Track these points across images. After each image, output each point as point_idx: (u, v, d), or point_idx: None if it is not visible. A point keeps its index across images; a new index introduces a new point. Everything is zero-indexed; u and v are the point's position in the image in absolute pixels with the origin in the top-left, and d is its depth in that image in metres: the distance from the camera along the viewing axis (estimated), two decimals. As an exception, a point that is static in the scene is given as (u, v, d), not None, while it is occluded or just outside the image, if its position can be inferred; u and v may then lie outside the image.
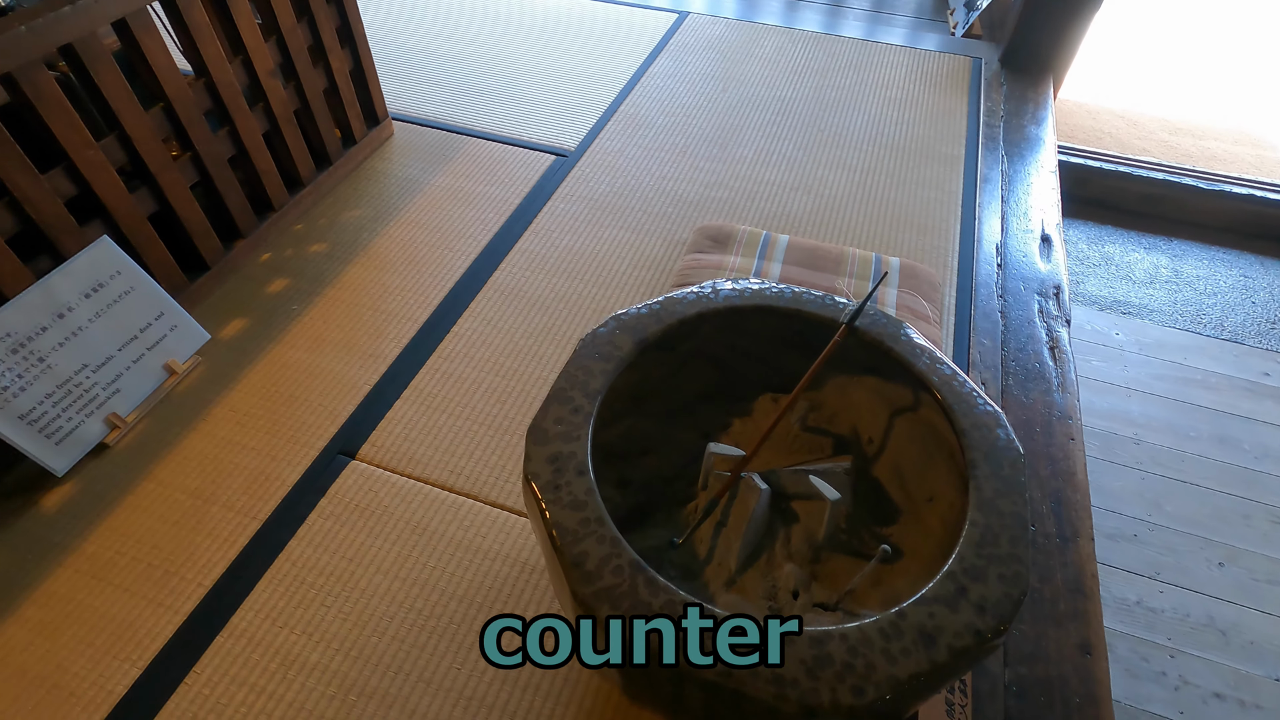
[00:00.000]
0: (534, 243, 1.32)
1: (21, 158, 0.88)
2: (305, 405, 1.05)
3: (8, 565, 0.88)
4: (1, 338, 0.89)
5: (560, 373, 0.68)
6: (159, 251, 1.10)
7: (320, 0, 1.27)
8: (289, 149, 1.30)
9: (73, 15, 0.89)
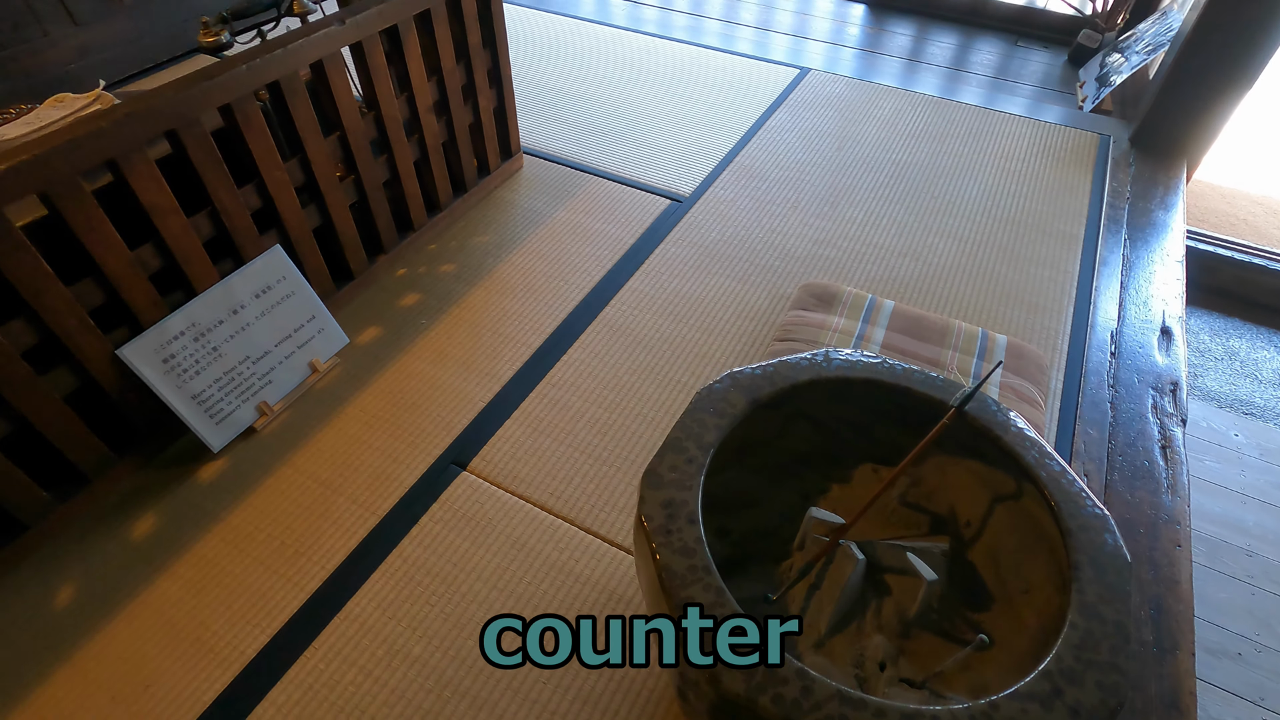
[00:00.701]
0: (644, 283, 1.39)
1: (227, 176, 1.02)
2: (425, 414, 1.15)
3: (168, 526, 1.00)
4: (188, 327, 1.03)
5: (677, 422, 0.74)
6: (316, 261, 1.23)
7: (477, 45, 1.40)
8: (433, 176, 1.42)
9: (283, 57, 1.02)
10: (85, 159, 0.84)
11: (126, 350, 0.97)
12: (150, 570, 0.95)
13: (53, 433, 0.93)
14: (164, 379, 1.01)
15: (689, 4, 2.58)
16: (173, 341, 1.01)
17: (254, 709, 0.83)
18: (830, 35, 2.39)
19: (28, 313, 0.86)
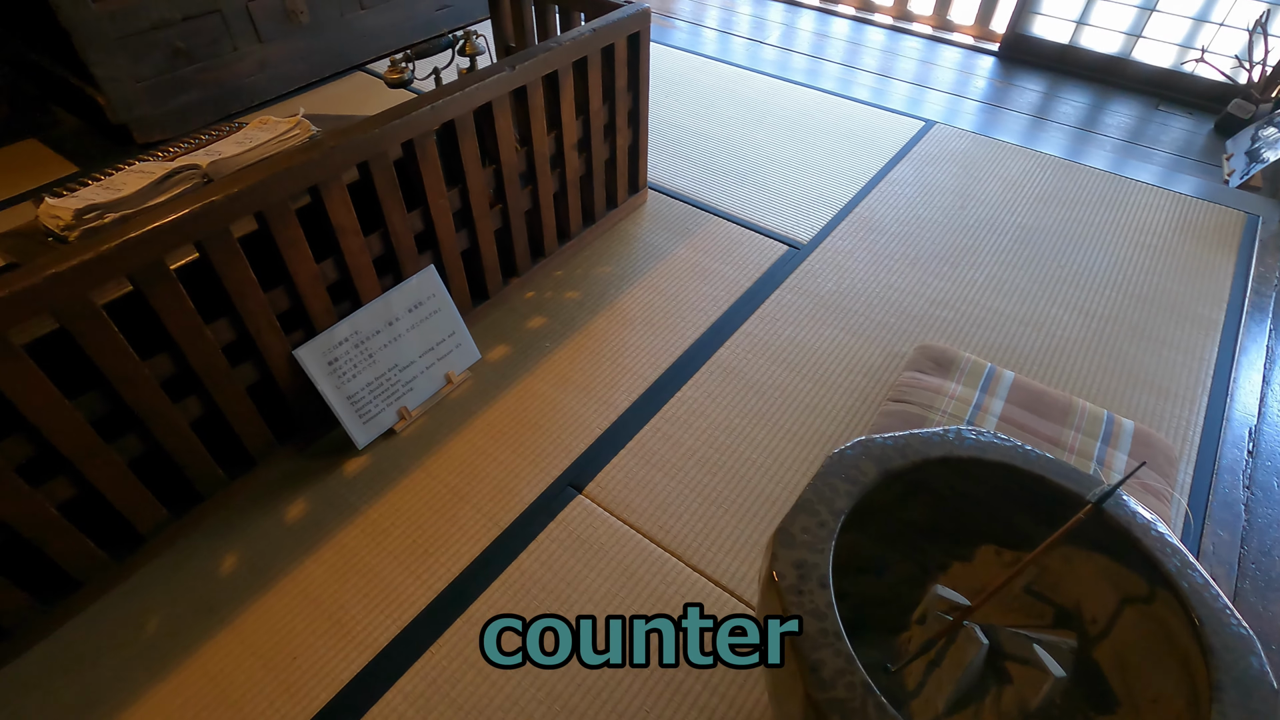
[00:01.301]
0: (758, 328, 1.43)
1: (401, 202, 1.12)
2: (546, 434, 1.22)
3: (315, 512, 1.10)
4: (351, 334, 1.14)
5: (809, 484, 0.77)
6: (460, 281, 1.33)
7: (623, 88, 1.48)
8: (568, 206, 1.51)
9: (461, 99, 1.12)
10: (296, 184, 0.96)
11: (301, 351, 1.08)
12: (300, 551, 1.05)
13: (235, 418, 1.05)
14: (327, 379, 1.12)
15: (809, 45, 2.61)
16: (338, 346, 1.12)
17: (384, 694, 0.90)
18: (954, 86, 2.37)
19: (231, 314, 0.98)
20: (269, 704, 0.90)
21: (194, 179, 1.07)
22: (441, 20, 2.51)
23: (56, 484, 0.89)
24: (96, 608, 0.99)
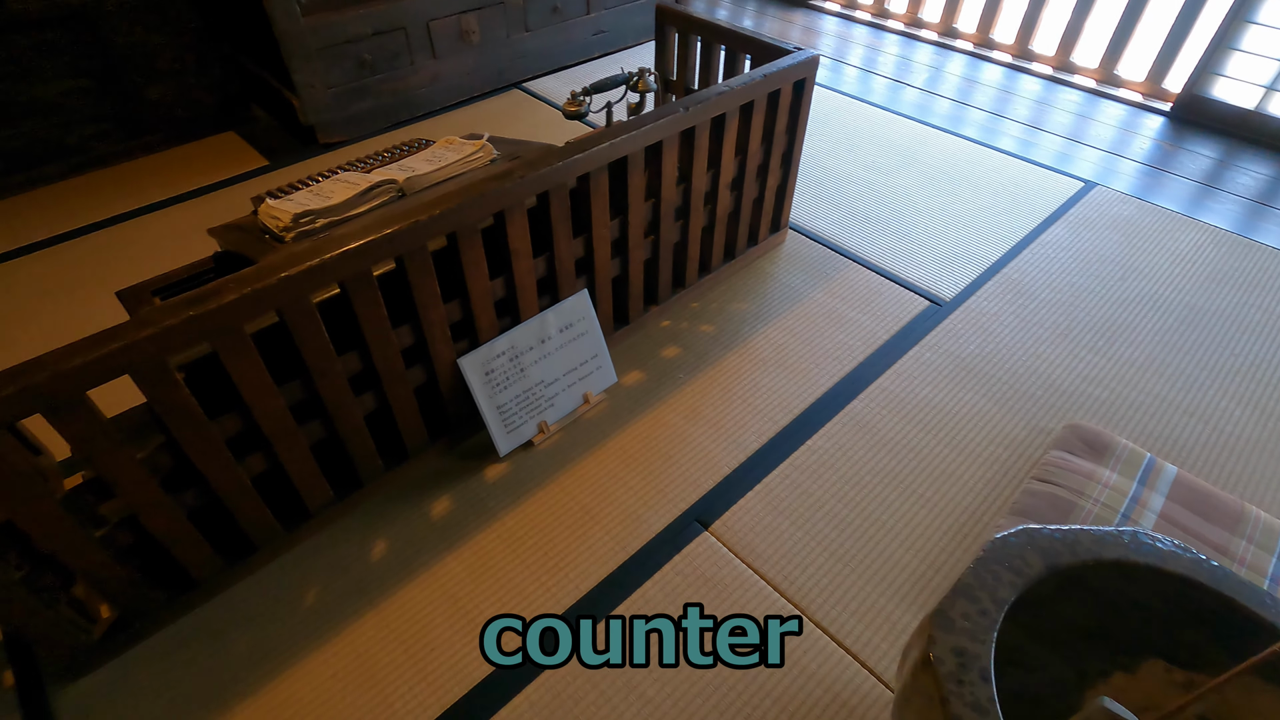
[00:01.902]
0: (894, 384, 1.40)
1: (569, 229, 1.18)
2: (675, 466, 1.25)
3: (457, 511, 1.17)
4: (509, 348, 1.20)
5: (970, 567, 0.75)
6: (607, 306, 1.38)
7: (781, 130, 1.50)
8: (712, 242, 1.54)
9: (636, 137, 1.17)
10: (488, 208, 1.03)
11: (464, 360, 1.16)
12: (442, 547, 1.12)
13: (400, 415, 1.13)
14: (483, 387, 1.19)
15: (957, 90, 2.54)
16: (496, 358, 1.19)
17: (511, 699, 0.95)
18: (1115, 144, 2.24)
19: (414, 322, 1.06)
20: (408, 689, 0.96)
21: (391, 193, 1.16)
22: (596, 44, 2.62)
23: (254, 459, 0.99)
24: (265, 571, 1.09)
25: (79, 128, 1.94)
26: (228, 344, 0.86)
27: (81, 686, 0.96)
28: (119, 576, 0.92)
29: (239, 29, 2.11)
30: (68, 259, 1.70)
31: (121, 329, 0.78)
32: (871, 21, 3.06)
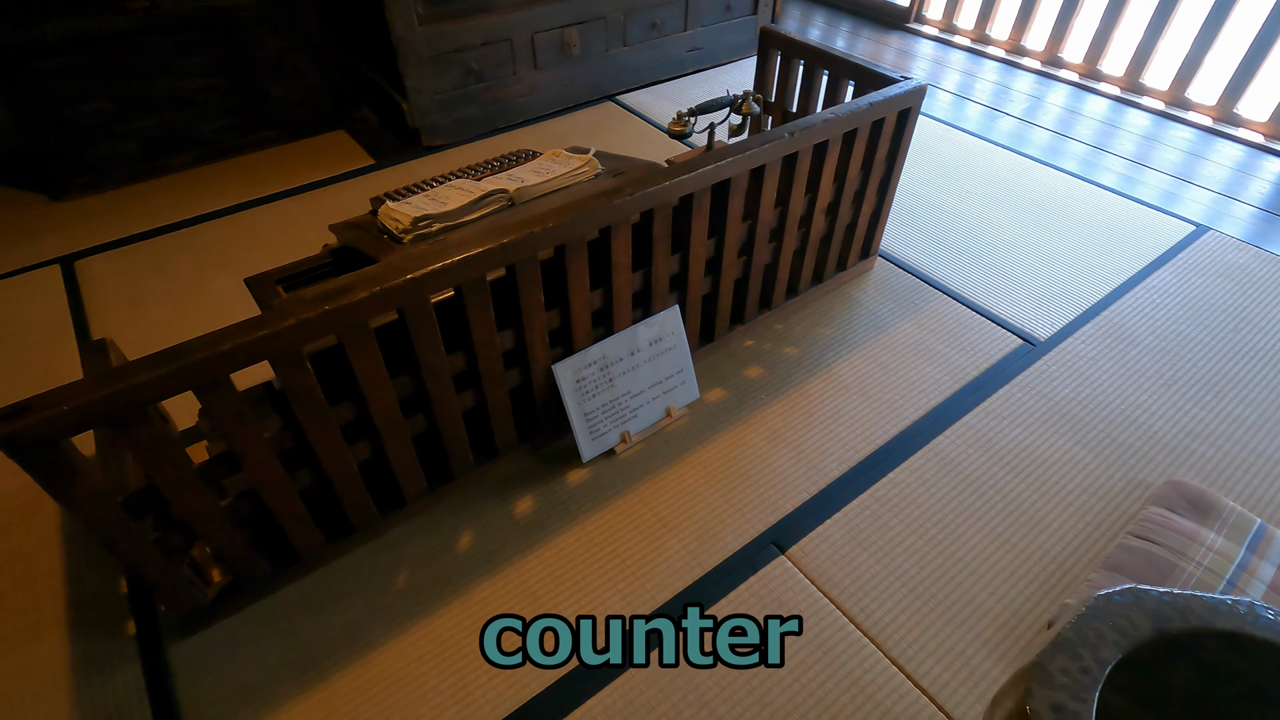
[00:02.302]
0: (982, 422, 1.37)
1: (668, 246, 1.21)
2: (754, 486, 1.25)
3: (541, 512, 1.21)
4: (600, 358, 1.24)
5: (1073, 621, 0.73)
6: (695, 322, 1.40)
7: (881, 158, 1.49)
8: (802, 265, 1.54)
9: (741, 160, 1.19)
10: (597, 223, 1.06)
11: (558, 366, 1.20)
12: (524, 546, 1.16)
13: (495, 414, 1.18)
14: (573, 394, 1.22)
15: (1058, 122, 2.46)
16: (588, 367, 1.23)
17: (585, 702, 0.97)
18: (1229, 186, 2.13)
19: (517, 327, 1.11)
20: (487, 679, 1.00)
21: (502, 202, 1.22)
22: (690, 61, 2.65)
23: (361, 446, 1.05)
24: (361, 553, 1.15)
25: (210, 121, 2.09)
26: (354, 337, 0.92)
27: (193, 643, 1.04)
28: (235, 544, 0.99)
29: (358, 36, 2.23)
30: (194, 242, 1.84)
31: (265, 319, 0.84)
32: (970, 47, 3.00)
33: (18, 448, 0.73)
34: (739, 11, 2.68)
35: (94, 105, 1.90)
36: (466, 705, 0.97)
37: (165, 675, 1.00)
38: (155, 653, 1.02)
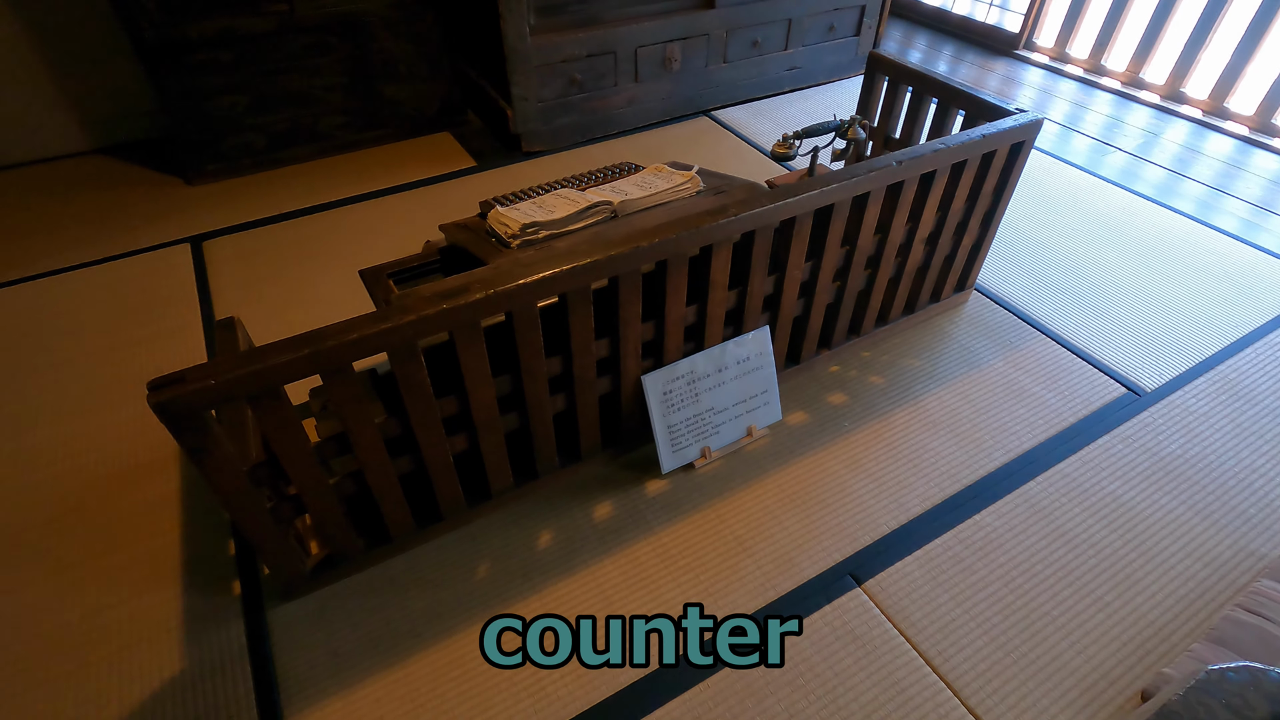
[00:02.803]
0: (1078, 471, 1.31)
1: (765, 267, 1.22)
2: (832, 514, 1.24)
3: (619, 518, 1.23)
4: (688, 372, 1.25)
5: (1181, 694, 0.70)
6: (783, 344, 1.40)
7: (989, 190, 1.45)
8: (896, 293, 1.52)
9: (847, 187, 1.19)
10: (700, 241, 1.08)
11: (647, 378, 1.22)
12: (600, 550, 1.19)
13: (583, 419, 1.21)
14: (659, 405, 1.24)
15: (1175, 160, 2.33)
16: (675, 380, 1.24)
17: (653, 711, 0.99)
18: (1370, 239, 1.97)
19: (613, 336, 1.14)
20: (559, 677, 1.02)
21: (606, 213, 1.25)
22: (787, 79, 2.65)
23: (458, 438, 1.10)
24: (446, 540, 1.20)
25: (329, 117, 2.22)
26: (465, 335, 0.96)
27: (289, 609, 1.11)
28: (337, 520, 1.06)
29: (471, 43, 2.33)
30: (307, 231, 1.96)
31: (388, 313, 0.90)
32: (1083, 77, 2.88)
33: (170, 414, 0.80)
34: (842, 33, 2.66)
35: (230, 99, 2.06)
36: (540, 699, 1.00)
37: (264, 635, 1.07)
38: (256, 614, 1.10)
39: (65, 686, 1.02)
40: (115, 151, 2.35)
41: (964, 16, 3.30)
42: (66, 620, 1.09)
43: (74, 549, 1.19)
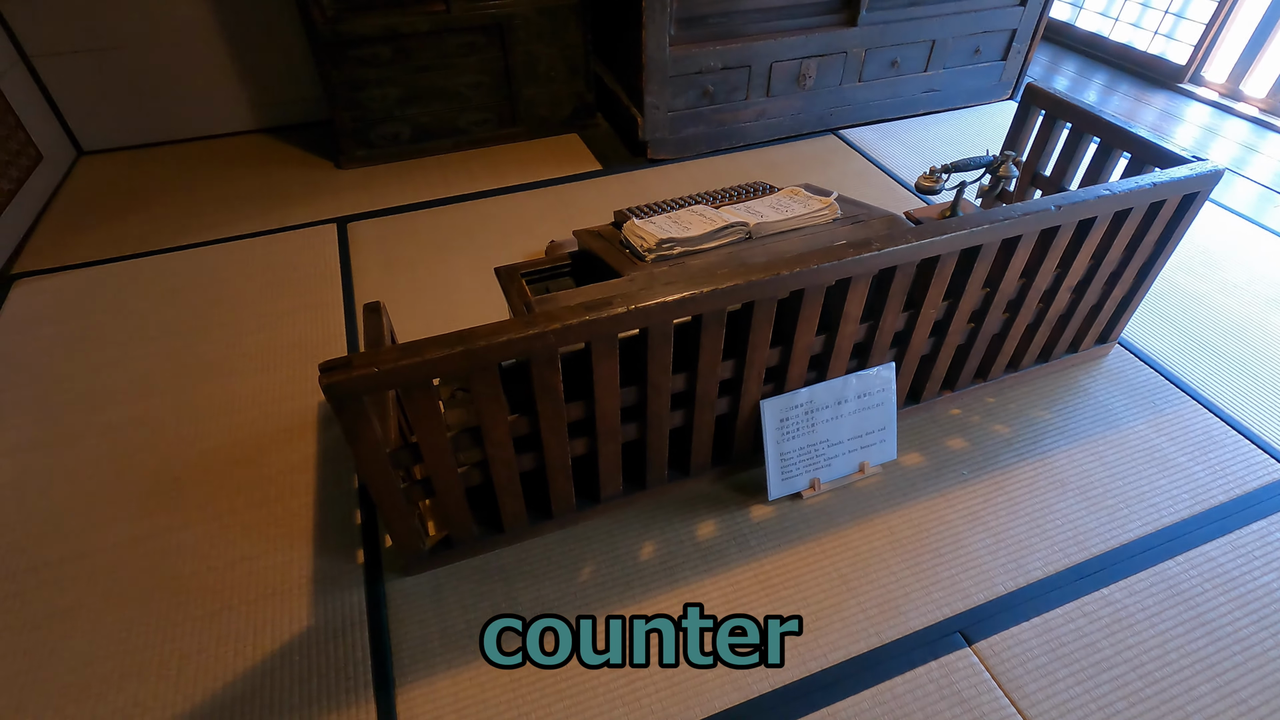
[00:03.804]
0: (1227, 556, 1.20)
1: (901, 302, 1.18)
2: (944, 565, 1.19)
3: (721, 539, 1.23)
4: (807, 401, 1.24)
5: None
6: (905, 380, 1.35)
7: (1151, 241, 1.35)
8: (1031, 341, 1.44)
9: (998, 228, 1.14)
10: (838, 274, 1.06)
11: (766, 403, 1.21)
12: (701, 569, 1.19)
13: (697, 436, 1.22)
14: (774, 431, 1.23)
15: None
16: (794, 408, 1.23)
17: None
18: None
19: (739, 359, 1.14)
20: (655, 690, 1.04)
21: (741, 234, 1.25)
22: (923, 102, 2.56)
23: (579, 442, 1.13)
24: (553, 538, 1.24)
25: (469, 114, 2.33)
26: (603, 348, 0.99)
27: (406, 584, 1.17)
28: (460, 507, 1.11)
29: (610, 50, 2.38)
30: (441, 220, 2.06)
31: (535, 320, 0.93)
32: (1258, 118, 2.63)
33: (336, 395, 0.86)
34: (987, 56, 2.54)
35: (383, 91, 2.19)
36: (634, 709, 1.01)
37: (381, 604, 1.14)
38: (376, 583, 1.17)
39: (209, 625, 1.12)
40: (276, 132, 2.55)
41: (1122, 44, 3.08)
42: (214, 565, 1.20)
43: (229, 499, 1.31)
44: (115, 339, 1.67)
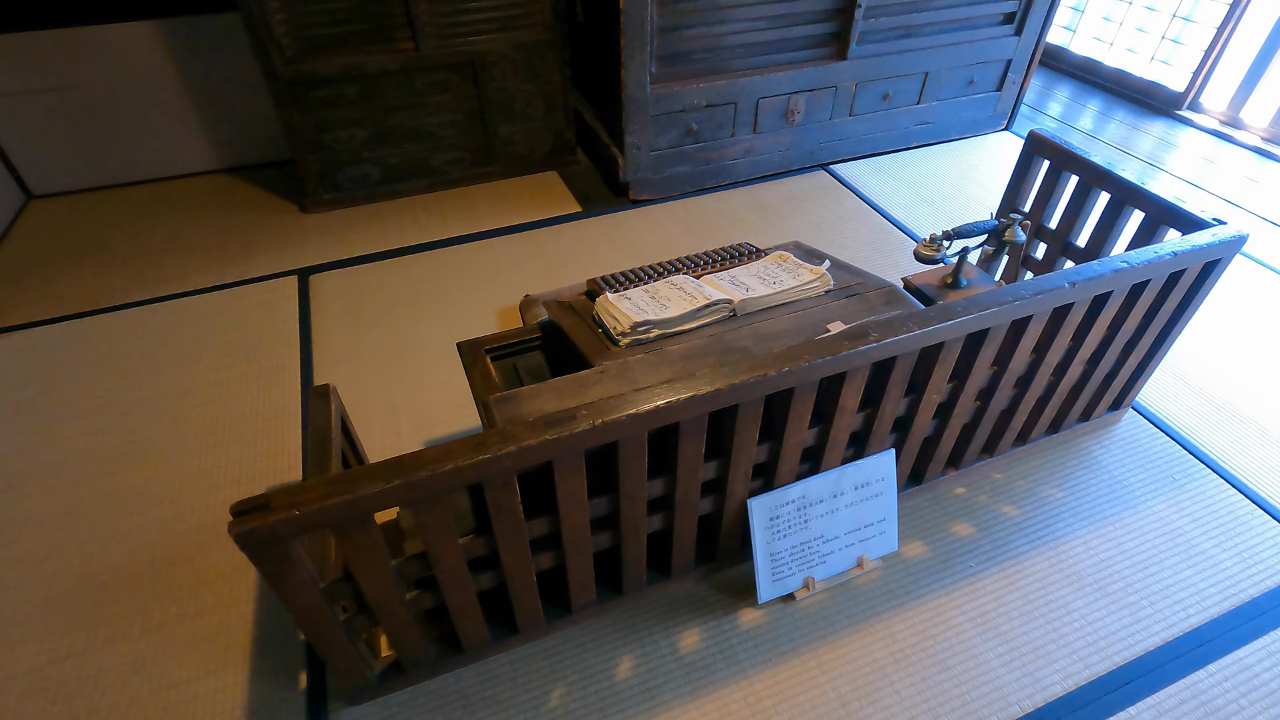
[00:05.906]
0: (1261, 664, 1.09)
1: (901, 392, 1.07)
2: (954, 682, 1.08)
3: (706, 652, 1.11)
4: (799, 496, 1.12)
5: None
6: (906, 463, 1.24)
7: (1169, 310, 1.25)
8: (1041, 413, 1.33)
9: (1007, 310, 1.03)
10: (829, 369, 0.95)
11: (754, 501, 1.09)
12: (685, 690, 1.07)
13: (678, 540, 1.10)
14: (763, 531, 1.12)
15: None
16: (785, 505, 1.11)
17: None
18: None
19: (724, 460, 1.02)
20: (630, 847, 0.91)
21: (724, 311, 1.14)
22: (916, 134, 2.46)
23: (545, 557, 1.01)
24: (520, 653, 1.11)
25: (443, 153, 2.22)
26: (566, 465, 0.87)
27: (354, 713, 1.04)
28: (410, 632, 0.99)
29: (589, 87, 2.28)
30: (410, 271, 1.94)
31: (487, 441, 0.81)
32: (1261, 147, 2.55)
33: (251, 545, 0.74)
34: (982, 87, 2.45)
35: (350, 132, 2.07)
36: None
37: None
38: (320, 715, 1.04)
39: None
40: (240, 171, 2.43)
41: (1117, 70, 3.00)
42: (137, 694, 1.07)
43: (161, 609, 1.18)
44: (48, 413, 1.54)
